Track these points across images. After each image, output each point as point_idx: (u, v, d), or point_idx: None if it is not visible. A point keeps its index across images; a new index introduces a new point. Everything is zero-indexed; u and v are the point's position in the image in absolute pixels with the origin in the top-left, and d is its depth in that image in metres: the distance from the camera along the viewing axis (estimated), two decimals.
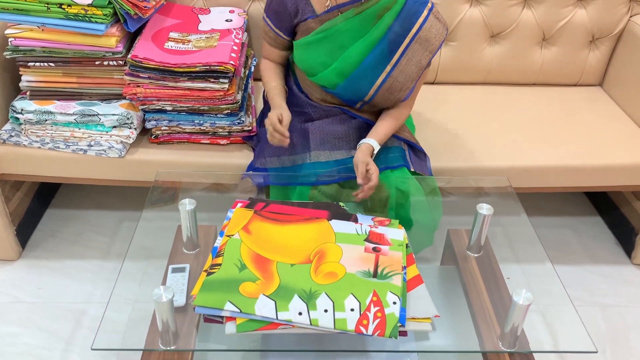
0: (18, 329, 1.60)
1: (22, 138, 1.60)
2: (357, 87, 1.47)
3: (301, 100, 1.58)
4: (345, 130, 1.53)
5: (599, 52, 2.05)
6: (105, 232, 1.95)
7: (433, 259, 1.56)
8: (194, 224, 1.35)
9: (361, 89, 1.47)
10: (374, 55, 1.44)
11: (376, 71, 1.45)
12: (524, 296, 1.10)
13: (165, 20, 1.73)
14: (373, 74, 1.45)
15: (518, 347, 1.16)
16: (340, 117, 1.56)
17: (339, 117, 1.55)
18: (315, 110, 1.57)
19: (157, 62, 1.51)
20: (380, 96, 1.48)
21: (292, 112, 1.49)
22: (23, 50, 1.53)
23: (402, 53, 1.43)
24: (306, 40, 1.47)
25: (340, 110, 1.56)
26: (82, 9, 1.46)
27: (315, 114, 1.57)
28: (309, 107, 1.57)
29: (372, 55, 1.44)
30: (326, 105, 1.56)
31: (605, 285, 1.85)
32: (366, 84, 1.46)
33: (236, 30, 1.71)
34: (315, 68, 1.49)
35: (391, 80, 1.45)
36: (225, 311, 1.09)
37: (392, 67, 1.44)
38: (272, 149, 1.52)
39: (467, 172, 1.68)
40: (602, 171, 1.73)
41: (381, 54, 1.43)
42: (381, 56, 1.44)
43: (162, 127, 1.63)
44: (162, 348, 1.12)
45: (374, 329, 1.08)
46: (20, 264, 1.81)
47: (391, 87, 1.46)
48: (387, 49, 1.43)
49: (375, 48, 1.43)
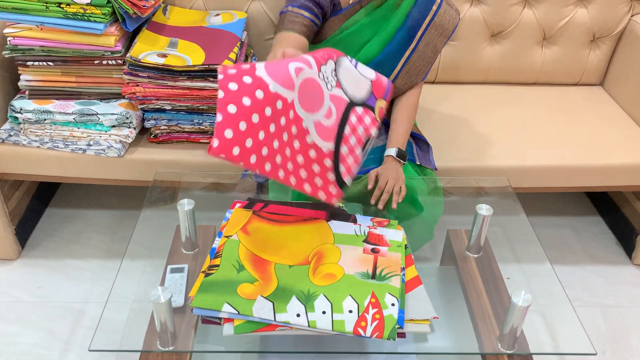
0: (17, 329, 1.60)
1: (21, 137, 1.59)
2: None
3: None
4: None
5: (599, 52, 2.05)
6: (105, 231, 1.95)
7: (432, 259, 1.56)
8: (192, 224, 1.35)
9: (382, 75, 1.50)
10: (395, 42, 1.49)
11: (397, 57, 1.50)
12: (523, 297, 1.10)
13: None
14: (393, 60, 1.50)
15: (517, 349, 1.16)
16: None
17: None
18: None
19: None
20: (400, 80, 1.52)
21: None
22: (22, 50, 1.52)
23: (419, 38, 1.49)
24: (332, 41, 1.51)
25: None
26: (81, 8, 1.45)
27: None
28: None
29: (393, 42, 1.49)
30: None
31: (605, 286, 1.85)
32: (387, 70, 1.51)
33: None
34: None
35: (410, 65, 1.51)
36: (223, 312, 1.08)
37: (411, 51, 1.50)
38: None
39: (467, 172, 1.67)
40: (603, 171, 1.73)
41: (402, 41, 1.49)
42: (402, 42, 1.49)
43: (161, 127, 1.63)
44: (160, 349, 1.12)
45: (372, 330, 1.07)
46: (19, 263, 1.81)
47: (409, 71, 1.52)
48: (407, 35, 1.49)
49: (395, 35, 1.49)
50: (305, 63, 1.18)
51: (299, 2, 1.44)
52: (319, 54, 1.23)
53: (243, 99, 1.06)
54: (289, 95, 1.13)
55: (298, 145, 1.16)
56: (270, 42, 1.95)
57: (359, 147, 1.28)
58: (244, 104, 1.06)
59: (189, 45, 1.62)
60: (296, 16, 1.43)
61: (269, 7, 1.88)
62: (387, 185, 1.40)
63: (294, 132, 1.15)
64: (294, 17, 1.43)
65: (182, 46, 1.61)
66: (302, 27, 1.42)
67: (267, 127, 1.09)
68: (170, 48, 1.60)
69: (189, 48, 1.61)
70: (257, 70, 1.10)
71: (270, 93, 1.09)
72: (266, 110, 1.09)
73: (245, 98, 1.06)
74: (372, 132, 1.30)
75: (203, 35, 1.69)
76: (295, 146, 1.15)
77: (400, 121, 1.53)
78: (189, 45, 1.62)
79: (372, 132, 1.30)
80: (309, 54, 1.22)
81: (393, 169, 1.44)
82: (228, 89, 1.06)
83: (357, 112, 1.29)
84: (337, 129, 1.24)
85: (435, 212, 1.52)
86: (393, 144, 1.49)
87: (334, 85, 1.26)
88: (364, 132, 1.29)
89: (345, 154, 1.25)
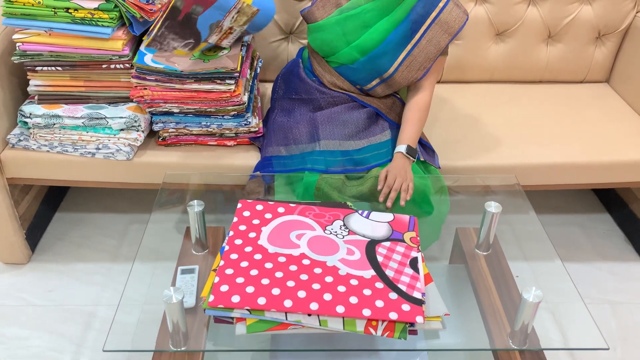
0: (28, 332, 1.61)
1: (31, 142, 1.61)
2: (378, 63, 1.52)
3: (310, 87, 1.60)
4: (354, 120, 1.56)
5: (605, 49, 2.04)
6: (114, 234, 1.96)
7: (442, 257, 1.56)
8: (202, 225, 1.35)
9: (381, 66, 1.52)
10: (396, 34, 1.49)
11: (397, 49, 1.50)
12: (533, 293, 1.10)
13: None
14: (394, 52, 1.51)
15: (528, 345, 1.16)
16: (349, 105, 1.58)
17: (347, 106, 1.58)
18: (323, 96, 1.59)
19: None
20: (399, 74, 1.53)
21: (300, 100, 1.51)
22: (31, 55, 1.54)
23: (422, 33, 1.49)
24: (330, 20, 1.51)
25: (349, 97, 1.58)
26: (89, 13, 1.46)
27: (323, 100, 1.59)
28: (317, 93, 1.59)
29: (394, 34, 1.49)
30: (335, 91, 1.59)
31: (615, 283, 1.84)
32: (386, 61, 1.51)
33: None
34: (337, 47, 1.53)
35: (411, 59, 1.51)
36: (235, 312, 1.09)
37: (413, 46, 1.50)
38: (280, 138, 1.53)
39: (475, 171, 1.68)
40: (610, 168, 1.73)
41: (403, 34, 1.49)
42: (403, 35, 1.49)
43: (170, 129, 1.64)
44: (172, 349, 1.13)
45: (383, 330, 1.07)
46: (29, 268, 1.82)
47: (410, 66, 1.52)
48: (409, 29, 1.49)
49: (398, 27, 1.49)
50: (308, 228, 1.24)
51: None
52: (324, 217, 1.27)
53: (241, 263, 1.17)
54: (293, 251, 1.20)
55: (331, 279, 1.14)
56: (275, 44, 1.96)
57: (404, 266, 1.20)
58: (241, 266, 1.16)
59: None
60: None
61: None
62: (396, 183, 1.41)
63: (317, 272, 1.15)
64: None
65: None
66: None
67: (272, 274, 1.14)
68: None
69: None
70: (260, 240, 1.22)
71: (269, 253, 1.19)
72: (266, 265, 1.16)
73: (244, 262, 1.17)
74: (413, 254, 1.23)
75: None
76: (327, 280, 1.14)
77: (412, 120, 1.53)
78: None
79: (412, 255, 1.23)
80: (312, 215, 1.27)
81: (402, 167, 1.44)
82: (229, 259, 1.18)
83: (383, 245, 1.25)
84: (368, 261, 1.20)
85: (441, 211, 1.53)
86: (404, 140, 1.49)
87: (346, 235, 1.27)
88: (403, 257, 1.22)
89: (394, 275, 1.17)
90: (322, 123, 1.55)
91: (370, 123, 1.58)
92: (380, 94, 1.61)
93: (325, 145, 1.51)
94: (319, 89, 1.60)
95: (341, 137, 1.53)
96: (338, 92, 1.59)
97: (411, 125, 1.53)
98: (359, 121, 1.56)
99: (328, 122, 1.55)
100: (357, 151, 1.51)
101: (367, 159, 1.50)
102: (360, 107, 1.58)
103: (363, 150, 1.52)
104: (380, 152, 1.52)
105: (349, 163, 1.50)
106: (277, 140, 1.58)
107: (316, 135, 1.53)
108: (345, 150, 1.52)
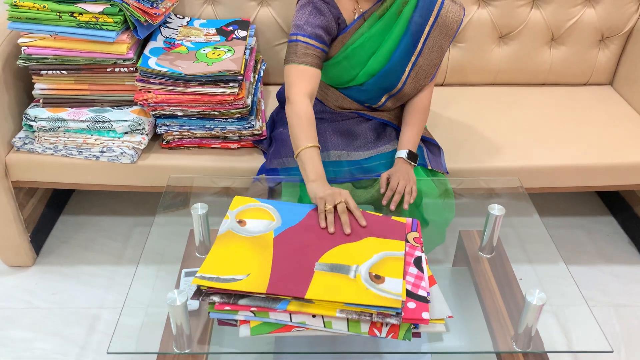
0: (33, 334, 1.61)
1: (36, 145, 1.62)
2: (386, 81, 1.51)
3: (316, 108, 1.60)
4: (362, 132, 1.56)
5: (608, 51, 2.04)
6: (118, 237, 1.96)
7: (445, 260, 1.56)
8: (206, 228, 1.36)
9: (390, 83, 1.52)
10: (400, 50, 1.48)
11: (403, 63, 1.49)
12: (537, 296, 1.10)
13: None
14: (400, 67, 1.50)
15: (532, 348, 1.16)
16: (357, 119, 1.58)
17: (355, 120, 1.58)
18: (331, 116, 1.60)
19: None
20: (408, 86, 1.52)
21: None
22: (36, 59, 1.55)
23: (424, 42, 1.48)
24: (337, 58, 1.50)
25: (357, 114, 1.59)
26: (94, 17, 1.47)
27: (331, 119, 1.59)
28: (324, 114, 1.60)
29: (398, 50, 1.48)
30: (342, 112, 1.59)
31: (618, 285, 1.84)
32: (394, 78, 1.51)
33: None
34: (347, 78, 1.53)
35: (417, 69, 1.50)
36: (239, 314, 1.09)
37: (417, 56, 1.49)
38: (288, 149, 1.53)
39: (478, 173, 1.68)
40: (614, 170, 1.73)
41: (406, 48, 1.48)
42: (406, 49, 1.48)
43: (174, 132, 1.64)
44: (176, 352, 1.13)
45: (387, 331, 1.07)
46: (34, 270, 1.82)
47: (417, 76, 1.51)
48: (411, 40, 1.47)
49: (400, 43, 1.47)
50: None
51: (309, 32, 1.41)
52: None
53: None
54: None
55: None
56: (279, 47, 1.96)
57: (408, 265, 1.19)
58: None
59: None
60: (308, 48, 1.41)
61: (277, 13, 1.90)
62: (399, 186, 1.41)
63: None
64: (306, 49, 1.40)
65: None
66: (316, 59, 1.42)
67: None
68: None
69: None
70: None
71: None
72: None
73: None
74: (417, 253, 1.22)
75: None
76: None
77: (411, 123, 1.53)
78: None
79: (416, 254, 1.22)
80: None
81: (404, 170, 1.44)
82: None
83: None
84: None
85: (447, 215, 1.52)
86: (404, 146, 1.49)
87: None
88: (407, 256, 1.21)
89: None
90: (330, 134, 1.55)
91: (379, 133, 1.58)
92: (390, 108, 1.61)
93: (334, 155, 1.51)
94: (325, 110, 1.61)
95: (350, 149, 1.53)
96: (345, 112, 1.60)
97: (411, 128, 1.52)
98: (367, 132, 1.56)
99: (336, 134, 1.56)
100: (365, 160, 1.52)
101: (376, 167, 1.50)
102: (368, 119, 1.60)
103: (372, 159, 1.52)
104: (388, 161, 1.52)
105: (358, 171, 1.50)
106: (285, 151, 1.56)
107: (324, 146, 1.53)
108: (354, 160, 1.52)
